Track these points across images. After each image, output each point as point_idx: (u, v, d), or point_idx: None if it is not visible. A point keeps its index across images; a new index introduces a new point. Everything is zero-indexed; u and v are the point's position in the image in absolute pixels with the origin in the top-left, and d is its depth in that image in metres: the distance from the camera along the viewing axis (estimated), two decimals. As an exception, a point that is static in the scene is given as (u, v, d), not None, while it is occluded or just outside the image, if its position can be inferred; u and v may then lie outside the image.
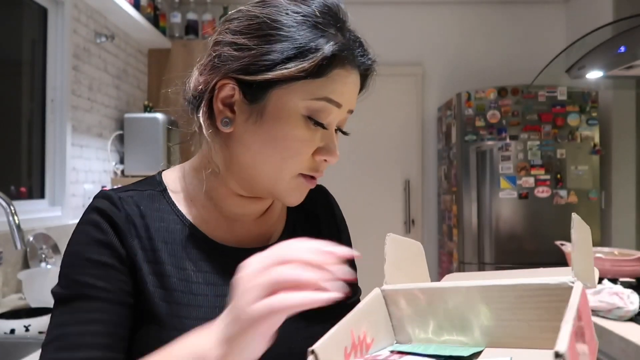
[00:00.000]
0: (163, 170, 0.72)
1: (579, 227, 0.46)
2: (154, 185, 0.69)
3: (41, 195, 2.29)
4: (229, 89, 0.62)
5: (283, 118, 0.61)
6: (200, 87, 0.64)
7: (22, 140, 2.30)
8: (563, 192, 3.22)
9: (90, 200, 0.65)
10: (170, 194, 0.68)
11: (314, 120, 0.62)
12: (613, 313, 1.49)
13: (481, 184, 3.25)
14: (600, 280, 1.75)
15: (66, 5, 2.31)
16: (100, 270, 0.60)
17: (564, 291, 0.43)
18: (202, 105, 0.64)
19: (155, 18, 3.12)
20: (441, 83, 4.05)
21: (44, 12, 2.29)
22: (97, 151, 2.66)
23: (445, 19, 4.04)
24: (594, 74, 2.14)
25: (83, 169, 2.50)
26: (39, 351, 0.56)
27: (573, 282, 0.43)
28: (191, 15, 3.38)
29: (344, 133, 0.70)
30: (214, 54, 0.63)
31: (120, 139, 2.89)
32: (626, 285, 1.72)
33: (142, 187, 0.68)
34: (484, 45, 4.03)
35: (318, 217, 0.80)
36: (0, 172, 2.19)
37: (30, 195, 2.26)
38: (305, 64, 0.59)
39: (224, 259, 0.66)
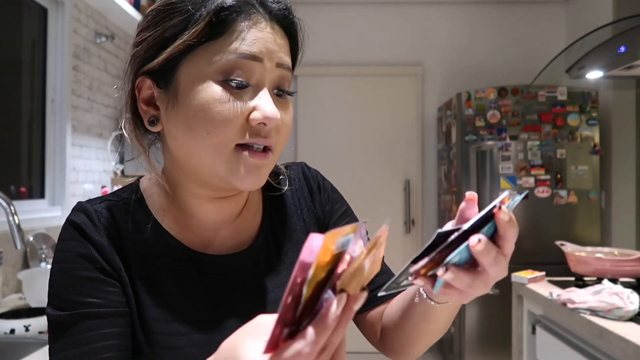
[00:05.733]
0: (142, 177, 0.70)
1: None
2: (131, 193, 0.67)
3: (41, 195, 2.29)
4: (146, 87, 0.61)
5: (195, 91, 0.57)
6: (123, 98, 0.64)
7: (22, 140, 2.30)
8: (563, 192, 3.22)
9: (70, 213, 0.64)
10: (147, 202, 0.67)
11: (235, 82, 0.57)
12: (613, 313, 1.49)
13: (481, 184, 3.25)
14: (600, 280, 1.74)
15: (66, 5, 2.31)
16: (89, 286, 0.59)
17: None
18: (126, 112, 0.63)
19: (155, 18, 3.11)
20: (441, 83, 4.05)
21: (44, 12, 2.29)
22: (97, 151, 2.66)
23: (445, 19, 4.04)
24: (594, 74, 2.14)
25: (83, 169, 2.50)
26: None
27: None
28: (191, 15, 3.37)
29: (288, 93, 0.63)
30: (126, 63, 0.63)
31: (120, 139, 2.88)
32: (626, 285, 1.72)
33: (119, 196, 0.67)
34: (484, 45, 4.03)
35: (300, 202, 0.75)
36: (0, 172, 2.19)
37: (30, 195, 2.26)
38: (198, 27, 0.57)
39: (201, 267, 0.65)
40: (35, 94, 2.31)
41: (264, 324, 0.42)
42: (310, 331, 0.37)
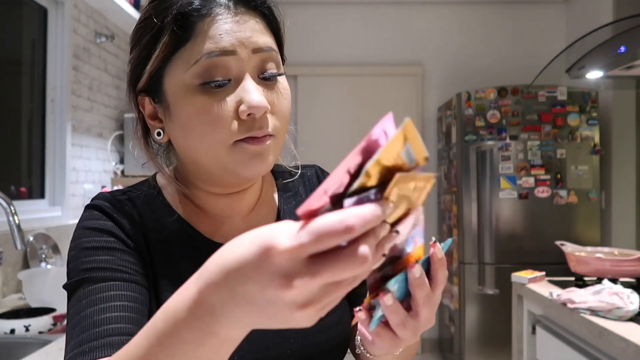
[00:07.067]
0: (157, 173, 0.72)
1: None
2: (149, 187, 0.69)
3: (41, 195, 2.29)
4: (147, 103, 0.64)
5: (180, 100, 0.59)
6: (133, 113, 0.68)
7: (22, 140, 2.31)
8: (563, 192, 3.22)
9: (90, 201, 0.66)
10: (165, 196, 0.69)
11: (214, 83, 0.58)
12: (613, 313, 1.49)
13: (481, 184, 3.25)
14: (600, 280, 1.75)
15: (66, 5, 2.31)
16: (108, 253, 0.60)
17: None
18: (137, 128, 0.67)
19: (155, 18, 3.12)
20: (441, 83, 4.05)
21: (44, 12, 2.29)
22: (97, 151, 2.66)
23: (445, 19, 4.04)
24: (594, 74, 2.14)
25: (83, 169, 2.50)
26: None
27: None
28: (191, 15, 3.38)
29: (274, 75, 0.61)
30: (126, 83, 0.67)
31: (120, 139, 2.88)
32: (626, 285, 1.72)
33: (138, 189, 0.69)
34: (484, 45, 4.03)
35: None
36: (0, 172, 2.19)
37: (30, 195, 2.26)
38: (164, 39, 0.59)
39: None
40: (35, 94, 2.31)
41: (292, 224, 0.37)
42: (349, 210, 0.31)
